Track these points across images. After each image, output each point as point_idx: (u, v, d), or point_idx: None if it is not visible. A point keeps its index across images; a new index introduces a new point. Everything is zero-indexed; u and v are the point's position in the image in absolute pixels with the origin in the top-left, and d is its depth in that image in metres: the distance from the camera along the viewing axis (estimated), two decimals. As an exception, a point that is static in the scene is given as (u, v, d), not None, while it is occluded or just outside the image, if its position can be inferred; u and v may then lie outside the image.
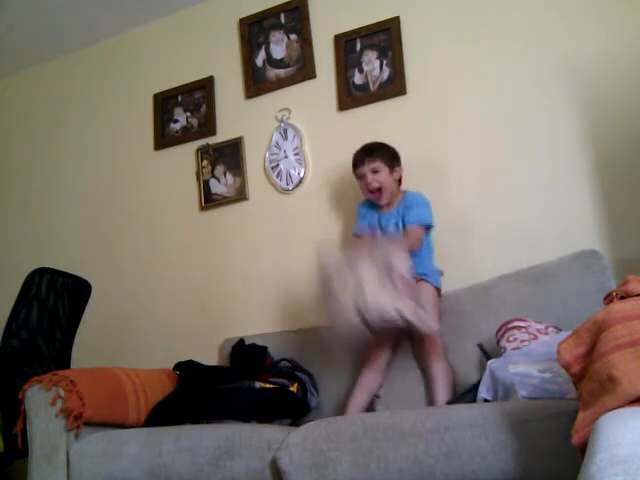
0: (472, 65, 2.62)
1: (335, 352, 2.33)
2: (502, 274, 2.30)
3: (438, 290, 2.29)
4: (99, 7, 3.15)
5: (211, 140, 3.06)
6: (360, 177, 2.41)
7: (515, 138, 2.51)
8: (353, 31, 2.83)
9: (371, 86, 2.78)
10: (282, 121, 2.92)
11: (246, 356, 2.45)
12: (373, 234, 2.36)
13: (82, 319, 2.64)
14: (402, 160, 2.42)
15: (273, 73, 2.99)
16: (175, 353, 2.64)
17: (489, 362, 1.84)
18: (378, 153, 2.38)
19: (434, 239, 2.38)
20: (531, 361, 1.73)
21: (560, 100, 2.45)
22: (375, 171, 2.35)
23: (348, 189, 2.72)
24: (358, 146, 2.50)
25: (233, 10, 3.10)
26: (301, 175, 2.85)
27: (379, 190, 2.36)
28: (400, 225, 2.33)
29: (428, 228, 2.34)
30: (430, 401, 2.11)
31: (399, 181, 2.43)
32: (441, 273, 2.33)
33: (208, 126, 3.08)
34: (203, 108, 3.12)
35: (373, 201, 2.41)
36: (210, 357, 2.75)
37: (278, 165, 2.90)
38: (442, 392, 2.06)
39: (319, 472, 1.58)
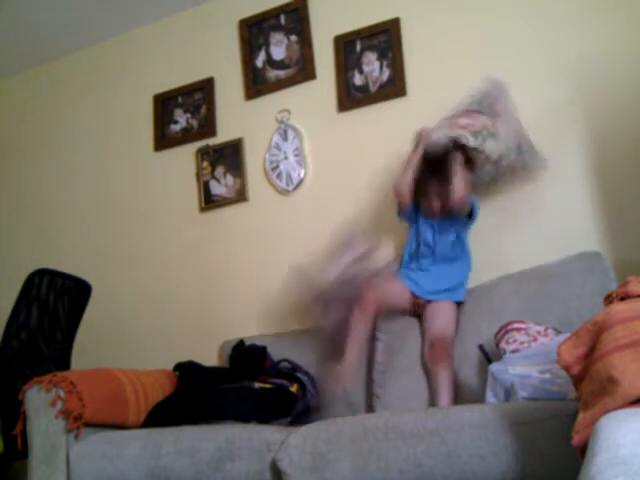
0: (472, 66, 2.61)
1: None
2: (503, 274, 2.30)
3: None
4: (99, 7, 3.15)
5: (211, 141, 3.06)
6: None
7: (515, 139, 2.51)
8: (353, 32, 2.83)
9: (371, 87, 2.78)
10: (282, 122, 2.92)
11: (246, 357, 2.45)
12: None
13: (82, 320, 2.64)
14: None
15: (273, 74, 2.99)
16: (175, 354, 2.64)
17: (490, 366, 1.83)
18: None
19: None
20: (531, 363, 1.73)
21: (560, 100, 2.45)
22: None
23: (348, 190, 2.72)
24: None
25: (233, 11, 3.10)
26: (301, 176, 2.85)
27: None
28: None
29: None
30: (432, 404, 2.11)
31: None
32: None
33: (208, 127, 3.08)
34: (203, 109, 3.12)
35: None
36: (210, 358, 2.75)
37: (278, 166, 2.90)
38: (444, 398, 2.06)
39: (319, 473, 1.58)
